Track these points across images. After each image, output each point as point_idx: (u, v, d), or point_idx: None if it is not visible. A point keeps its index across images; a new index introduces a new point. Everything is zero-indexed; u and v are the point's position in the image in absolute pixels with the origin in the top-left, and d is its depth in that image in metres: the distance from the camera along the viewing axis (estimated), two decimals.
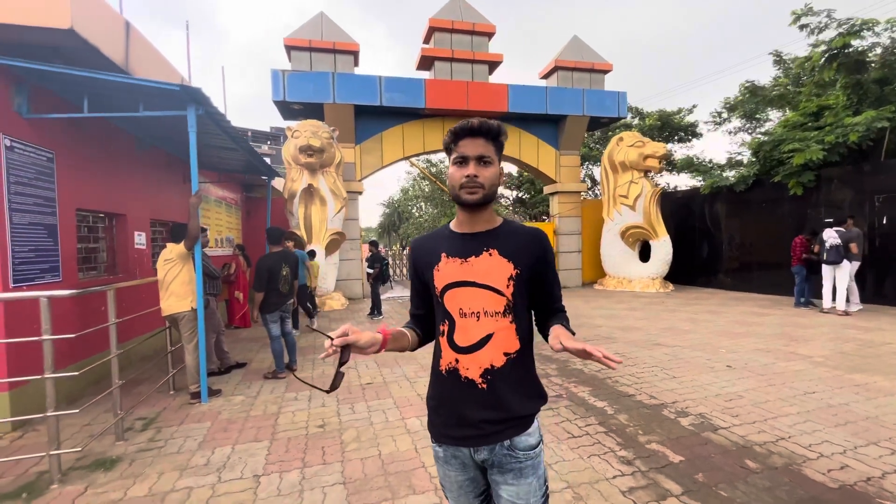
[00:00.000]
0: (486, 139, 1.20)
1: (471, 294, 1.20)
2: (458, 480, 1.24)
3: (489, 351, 1.18)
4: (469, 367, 1.18)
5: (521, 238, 1.24)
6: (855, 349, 5.16)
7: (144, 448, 3.06)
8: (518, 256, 1.20)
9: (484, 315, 1.18)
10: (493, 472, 1.19)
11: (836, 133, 8.64)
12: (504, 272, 1.19)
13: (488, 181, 1.19)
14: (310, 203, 9.62)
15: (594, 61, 12.36)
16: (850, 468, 2.56)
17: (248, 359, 5.42)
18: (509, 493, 1.17)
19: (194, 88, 3.62)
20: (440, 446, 1.24)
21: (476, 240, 1.23)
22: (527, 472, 1.17)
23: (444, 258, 1.25)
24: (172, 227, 4.27)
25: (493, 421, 1.16)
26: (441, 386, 1.24)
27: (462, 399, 1.18)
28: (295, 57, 10.47)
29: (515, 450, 1.17)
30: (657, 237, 11.08)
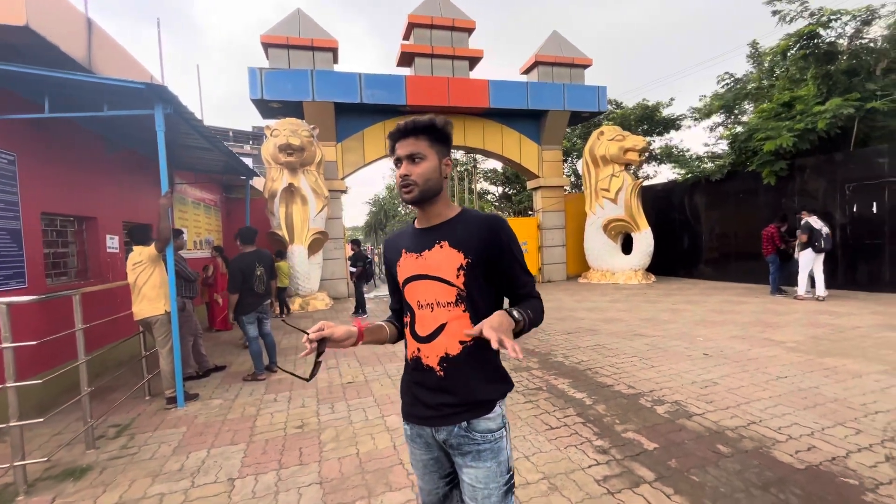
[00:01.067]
0: (415, 137, 1.23)
1: (425, 286, 1.25)
2: (423, 459, 1.31)
3: (444, 340, 1.22)
4: (429, 355, 1.24)
5: (471, 226, 1.24)
6: (826, 334, 5.30)
7: (116, 455, 2.99)
8: (467, 245, 1.22)
9: (437, 306, 1.23)
10: (455, 454, 1.24)
11: (806, 121, 8.85)
12: (453, 263, 1.21)
13: (422, 177, 1.22)
14: (291, 203, 9.50)
15: (574, 56, 12.43)
16: (817, 449, 2.63)
17: (228, 362, 5.34)
18: (469, 477, 1.21)
19: (160, 86, 3.54)
20: (407, 424, 1.33)
21: (429, 233, 1.28)
22: (485, 456, 1.20)
23: (404, 254, 1.31)
24: (131, 228, 4.16)
25: (451, 404, 1.21)
26: (408, 372, 1.34)
27: (423, 384, 1.26)
28: (273, 54, 10.31)
29: (473, 431, 1.20)
30: (639, 229, 11.23)
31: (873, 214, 8.12)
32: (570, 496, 2.26)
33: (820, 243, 7.30)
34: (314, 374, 1.22)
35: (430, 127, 1.23)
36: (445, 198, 1.30)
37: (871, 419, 2.98)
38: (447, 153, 1.28)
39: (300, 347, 5.89)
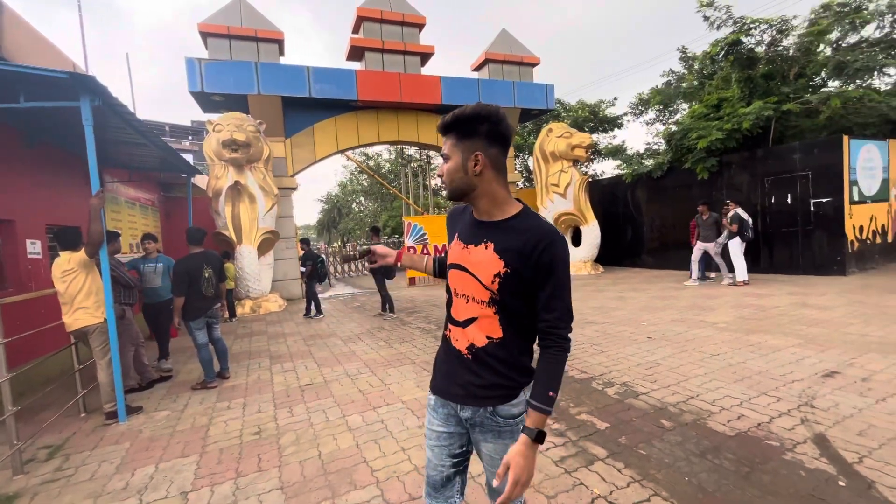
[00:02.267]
0: (446, 135, 1.25)
1: (464, 278, 1.27)
2: (438, 431, 1.34)
3: (473, 330, 1.26)
4: (458, 338, 1.29)
5: (521, 236, 1.19)
6: (751, 314, 5.85)
7: (49, 479, 2.75)
8: (511, 254, 1.19)
9: (472, 300, 1.26)
10: (475, 431, 1.30)
11: (732, 121, 9.67)
12: (492, 268, 1.20)
13: (448, 175, 1.25)
14: (237, 201, 9.06)
15: (523, 55, 12.75)
16: (745, 417, 2.92)
17: (175, 370, 5.04)
18: (487, 449, 1.29)
19: (87, 76, 3.25)
20: (433, 395, 1.37)
21: (482, 228, 1.27)
22: (505, 436, 1.26)
23: (455, 238, 1.34)
24: (57, 232, 3.78)
25: (479, 385, 1.25)
26: (442, 347, 1.38)
27: (452, 363, 1.31)
28: (212, 45, 9.74)
29: (497, 416, 1.25)
30: (587, 223, 11.77)
31: (788, 205, 9.03)
32: None
33: (748, 233, 8.03)
34: (349, 259, 1.70)
35: (453, 124, 1.22)
36: (490, 195, 1.23)
37: (788, 388, 3.35)
38: (479, 146, 1.20)
39: (253, 352, 5.69)
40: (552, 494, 2.22)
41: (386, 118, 11.66)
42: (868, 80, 10.54)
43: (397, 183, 22.41)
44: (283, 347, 5.86)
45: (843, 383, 3.37)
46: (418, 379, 4.18)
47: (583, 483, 2.30)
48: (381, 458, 2.71)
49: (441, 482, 1.35)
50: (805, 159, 8.71)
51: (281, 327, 7.33)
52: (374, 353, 5.22)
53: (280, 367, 4.91)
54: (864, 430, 2.65)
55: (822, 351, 4.15)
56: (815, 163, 8.58)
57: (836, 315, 5.45)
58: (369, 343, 5.78)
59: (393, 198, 25.04)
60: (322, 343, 5.97)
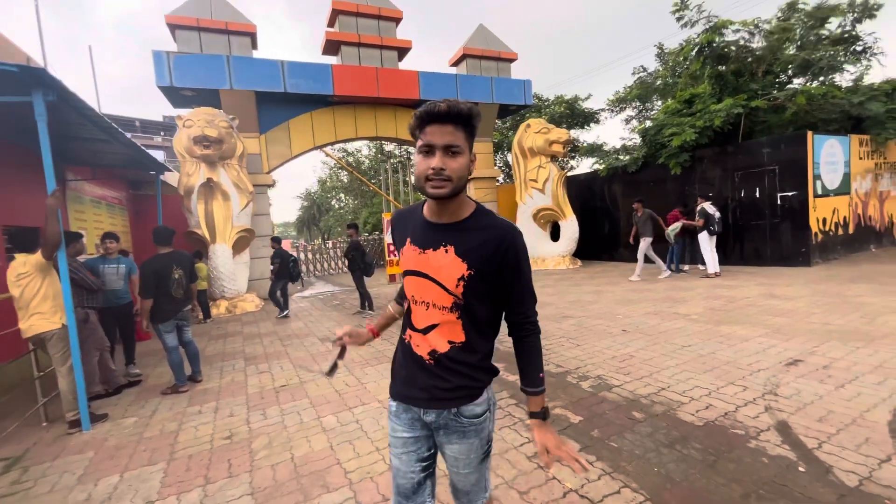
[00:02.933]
0: (455, 125, 1.10)
1: (423, 285, 1.22)
2: (403, 437, 1.30)
3: (434, 337, 1.23)
4: (420, 344, 1.26)
5: (482, 235, 1.17)
6: (721, 305, 6.03)
7: (6, 493, 2.62)
8: (474, 256, 1.15)
9: (432, 306, 1.22)
10: (439, 434, 1.28)
11: (705, 118, 9.90)
12: (455, 272, 1.16)
13: (456, 173, 1.11)
14: (210, 199, 8.82)
15: (500, 50, 12.76)
16: (713, 406, 3.00)
17: (144, 375, 4.88)
18: (452, 451, 1.28)
19: (38, 69, 3.09)
20: (394, 402, 1.34)
21: (438, 231, 1.21)
22: (469, 435, 1.26)
23: (408, 244, 1.26)
24: (13, 233, 3.61)
25: (441, 388, 1.23)
26: (400, 352, 1.34)
27: (414, 368, 1.27)
28: (181, 37, 9.41)
29: (461, 416, 1.24)
30: (565, 217, 11.89)
31: (757, 198, 9.32)
32: (503, 475, 2.38)
33: (714, 226, 8.27)
34: (333, 372, 1.48)
35: (468, 117, 1.11)
36: (463, 197, 1.21)
37: (754, 377, 3.46)
38: (471, 146, 1.17)
39: (227, 353, 5.56)
40: (525, 490, 2.24)
41: (363, 113, 11.51)
42: (830, 78, 10.95)
43: (377, 179, 22.20)
44: (258, 348, 5.75)
45: (805, 371, 3.50)
46: None
47: (555, 478, 2.32)
48: (355, 458, 2.69)
49: (412, 489, 1.32)
50: (772, 154, 8.99)
51: (257, 328, 7.18)
52: (352, 352, 5.17)
53: (255, 369, 4.81)
54: (824, 416, 2.75)
55: (786, 340, 4.30)
56: (781, 157, 8.87)
57: (800, 305, 5.66)
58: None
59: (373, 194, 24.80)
60: (299, 343, 5.88)
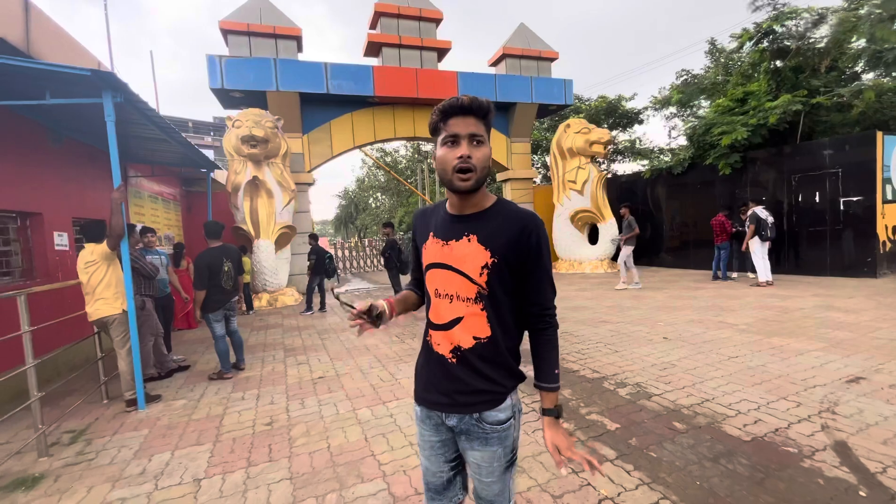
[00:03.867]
0: (477, 118, 1.14)
1: (447, 277, 1.21)
2: (431, 441, 1.30)
3: (458, 332, 1.20)
4: (441, 343, 1.23)
5: (504, 223, 1.18)
6: (774, 316, 5.67)
7: (72, 462, 2.86)
8: (497, 244, 1.16)
9: (456, 298, 1.19)
10: (461, 439, 1.25)
11: (758, 116, 9.35)
12: (479, 260, 1.16)
13: (480, 163, 1.14)
14: (255, 196, 9.22)
15: (541, 49, 12.57)
16: (763, 422, 2.83)
17: (193, 361, 5.17)
18: (474, 457, 1.24)
19: (108, 73, 3.34)
20: (418, 406, 1.32)
21: (460, 223, 1.21)
22: (492, 442, 1.21)
23: (430, 238, 1.26)
24: (84, 225, 3.93)
25: (463, 392, 1.20)
26: (423, 354, 1.32)
27: (435, 370, 1.25)
28: (233, 42, 9.90)
29: (483, 422, 1.20)
30: (604, 220, 11.58)
31: (816, 203, 8.69)
32: (536, 477, 2.35)
33: (766, 232, 7.77)
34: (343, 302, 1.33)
35: (488, 111, 1.16)
36: (484, 189, 1.23)
37: (809, 393, 3.23)
38: None
39: (268, 344, 5.79)
40: (558, 494, 2.20)
41: (402, 114, 11.67)
42: None
43: (413, 179, 22.45)
44: (297, 340, 5.96)
45: (868, 389, 3.23)
46: None
47: (590, 484, 2.27)
48: (389, 451, 2.73)
49: (442, 486, 1.32)
50: (835, 156, 8.36)
51: (296, 321, 7.45)
52: (385, 348, 5.26)
53: (294, 360, 4.99)
54: (890, 438, 2.54)
55: (847, 356, 3.99)
56: (845, 160, 8.24)
57: (864, 319, 5.24)
58: (381, 338, 5.82)
59: (409, 193, 25.12)
60: (335, 337, 6.04)
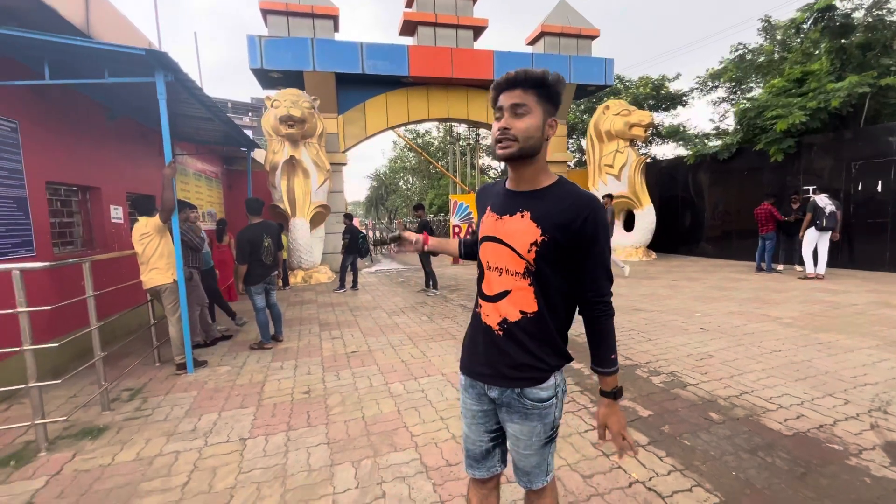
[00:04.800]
0: (523, 89, 1.14)
1: (497, 250, 1.24)
2: (473, 410, 1.34)
3: (506, 305, 1.23)
4: (489, 314, 1.26)
5: (560, 203, 1.17)
6: (822, 310, 5.38)
7: (131, 417, 3.11)
8: (550, 223, 1.15)
9: (506, 272, 1.22)
10: (502, 411, 1.29)
11: (819, 99, 8.69)
12: (528, 236, 1.17)
13: (523, 133, 1.13)
14: (292, 175, 9.45)
15: (581, 27, 12.08)
16: (806, 417, 2.73)
17: (234, 331, 5.46)
18: (514, 430, 1.28)
19: (161, 53, 3.48)
20: (463, 375, 1.37)
21: (516, 199, 1.23)
22: (532, 418, 1.24)
23: (487, 211, 1.30)
24: (135, 199, 4.16)
25: (508, 365, 1.23)
26: (472, 325, 1.36)
27: (482, 340, 1.28)
28: (272, 22, 10.04)
29: (524, 398, 1.23)
30: (641, 206, 11.20)
31: (878, 193, 8.08)
32: (566, 457, 2.37)
33: (821, 222, 7.27)
34: (390, 243, 1.64)
35: (541, 81, 1.14)
36: (542, 163, 1.22)
37: (859, 391, 3.08)
38: (554, 113, 1.19)
39: (304, 319, 6.02)
40: (588, 475, 2.22)
41: (436, 94, 11.57)
42: None
43: (445, 161, 22.36)
44: (331, 316, 6.16)
45: None
46: (459, 354, 4.25)
47: (620, 467, 2.27)
48: (421, 424, 2.82)
49: (482, 454, 1.36)
50: None
51: (329, 297, 7.69)
52: (416, 327, 5.36)
53: (328, 334, 5.17)
54: None
55: None
56: None
57: None
58: (412, 317, 5.93)
59: (440, 176, 25.07)
60: (367, 314, 6.21)
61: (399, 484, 2.20)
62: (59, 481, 2.34)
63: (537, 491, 1.36)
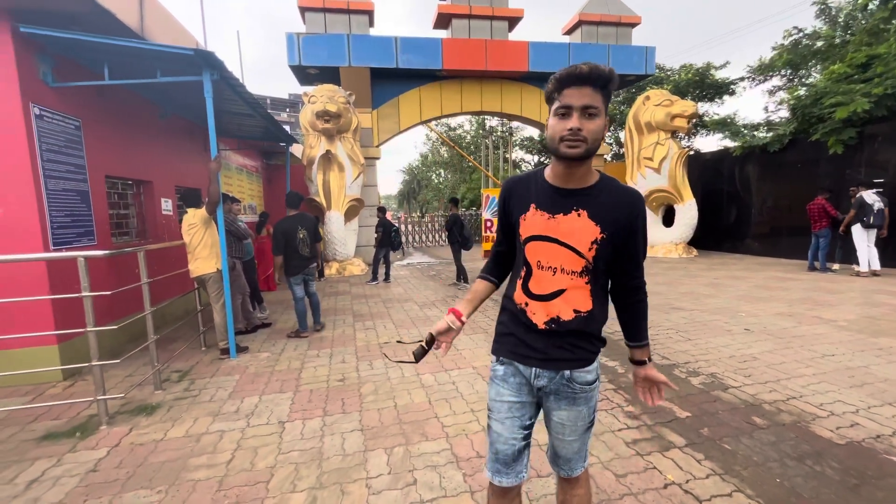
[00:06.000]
0: (594, 88, 1.10)
1: (552, 250, 1.22)
2: (509, 402, 1.30)
3: (559, 304, 1.23)
4: (536, 312, 1.25)
5: (614, 200, 1.19)
6: (883, 314, 5.00)
7: (180, 397, 3.32)
8: (607, 220, 1.18)
9: (561, 271, 1.22)
10: (549, 400, 1.29)
11: (886, 84, 8.00)
12: (589, 235, 1.18)
13: (592, 135, 1.12)
14: (328, 170, 9.68)
15: (621, 14, 11.65)
16: (861, 426, 2.56)
17: (273, 319, 5.68)
18: (560, 417, 1.29)
19: (208, 53, 3.64)
20: (501, 364, 1.34)
21: (568, 197, 1.21)
22: (579, 402, 1.27)
23: (532, 209, 1.25)
24: (184, 193, 4.41)
25: (557, 346, 1.25)
26: (511, 317, 1.33)
27: (524, 332, 1.28)
28: (309, 19, 10.26)
29: (573, 382, 1.25)
30: (682, 201, 10.74)
31: None
32: (599, 455, 2.34)
33: (869, 219, 7.00)
34: (419, 358, 1.43)
35: (608, 80, 1.11)
36: (591, 162, 1.23)
37: None
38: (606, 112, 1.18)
39: (338, 309, 6.18)
40: (622, 474, 2.18)
41: (469, 87, 11.50)
42: None
43: (477, 155, 22.24)
44: (364, 307, 6.30)
45: None
46: (490, 347, 4.26)
47: (655, 467, 2.21)
48: (451, 415, 2.85)
49: (513, 456, 1.30)
50: None
51: (363, 289, 7.86)
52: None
53: (362, 325, 5.30)
54: None
55: None
56: None
57: None
58: (443, 310, 5.98)
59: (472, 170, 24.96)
60: (399, 307, 6.30)
61: (430, 472, 2.24)
62: (118, 452, 2.54)
63: (575, 479, 1.39)
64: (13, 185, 3.47)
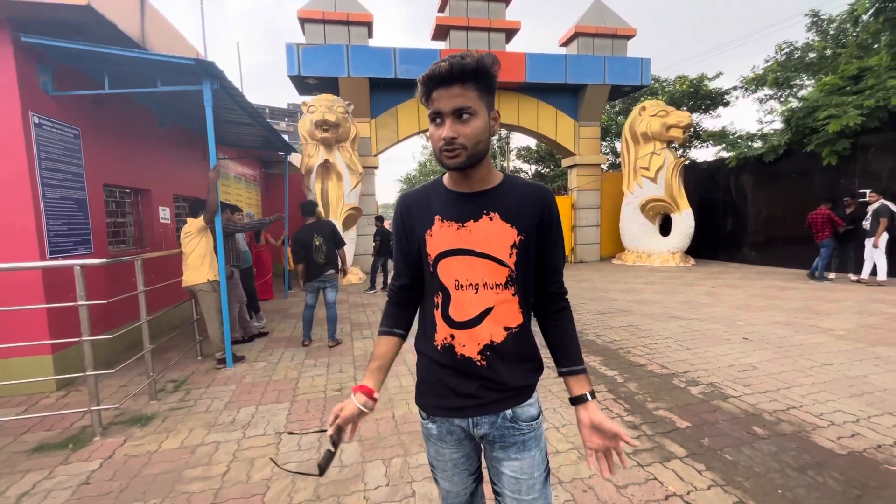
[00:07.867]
0: (463, 85, 0.95)
1: (468, 264, 1.05)
2: (454, 458, 1.15)
3: (488, 326, 1.06)
4: (466, 343, 1.06)
5: (524, 198, 1.07)
6: (881, 322, 5.02)
7: (175, 407, 3.27)
8: (521, 220, 1.05)
9: (483, 287, 1.05)
10: (495, 449, 1.10)
11: (877, 97, 8.12)
12: (507, 239, 1.04)
13: (471, 140, 0.98)
14: (326, 178, 9.69)
15: (617, 26, 11.82)
16: (861, 436, 2.55)
17: (270, 328, 5.64)
18: (512, 469, 1.08)
19: (208, 62, 3.66)
20: (433, 423, 1.14)
21: (474, 201, 1.06)
22: (530, 445, 1.09)
23: (437, 221, 1.08)
24: (192, 203, 4.40)
25: (494, 389, 1.07)
26: (434, 362, 1.11)
27: (458, 376, 1.08)
28: (309, 30, 10.36)
29: (518, 421, 1.08)
30: (678, 210, 10.81)
31: None
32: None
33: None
34: (325, 468, 1.07)
35: (479, 71, 0.96)
36: (489, 160, 1.08)
37: None
38: (493, 103, 1.03)
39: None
40: (622, 485, 2.16)
41: None
42: None
43: None
44: (362, 316, 6.27)
45: None
46: None
47: (657, 478, 2.19)
48: None
49: (467, 500, 1.21)
50: None
51: (360, 298, 7.83)
52: None
53: (359, 334, 5.27)
54: None
55: None
56: None
57: None
58: None
59: None
60: None
61: (428, 484, 2.21)
62: (111, 464, 2.50)
63: None
64: (11, 194, 3.46)
